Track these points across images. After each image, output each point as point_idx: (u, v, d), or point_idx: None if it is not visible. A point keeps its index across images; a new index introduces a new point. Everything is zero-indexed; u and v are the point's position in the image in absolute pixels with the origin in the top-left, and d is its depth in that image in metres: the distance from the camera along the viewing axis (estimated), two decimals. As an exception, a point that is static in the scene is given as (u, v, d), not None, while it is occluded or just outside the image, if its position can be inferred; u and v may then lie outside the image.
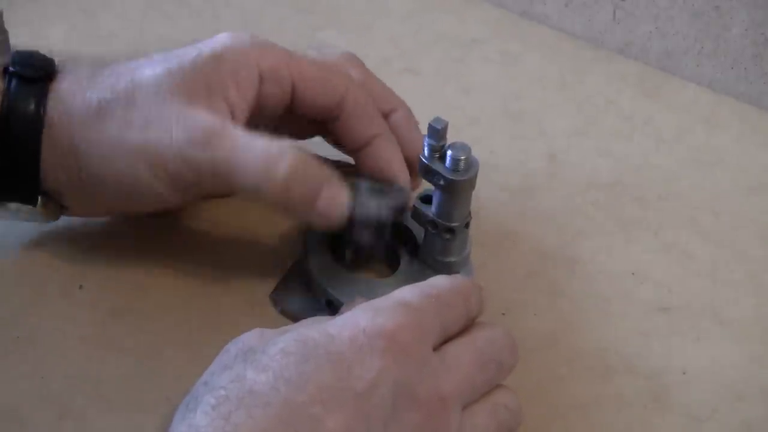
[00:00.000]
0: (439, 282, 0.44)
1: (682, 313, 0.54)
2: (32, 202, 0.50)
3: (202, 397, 0.38)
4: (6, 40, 0.68)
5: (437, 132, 0.48)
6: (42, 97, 0.48)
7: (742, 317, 0.54)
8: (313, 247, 0.52)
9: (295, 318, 0.51)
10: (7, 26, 0.68)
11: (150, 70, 0.49)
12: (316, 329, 0.40)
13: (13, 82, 0.48)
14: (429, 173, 0.49)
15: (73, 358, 0.49)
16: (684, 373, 0.51)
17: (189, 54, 0.49)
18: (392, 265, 0.52)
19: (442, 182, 0.48)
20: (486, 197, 0.59)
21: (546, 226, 0.59)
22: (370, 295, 0.49)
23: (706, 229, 0.60)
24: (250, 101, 0.50)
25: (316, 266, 0.51)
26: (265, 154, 0.47)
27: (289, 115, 0.52)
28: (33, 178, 0.49)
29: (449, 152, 0.48)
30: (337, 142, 0.55)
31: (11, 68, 0.49)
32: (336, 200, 0.48)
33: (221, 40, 0.50)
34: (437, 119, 0.48)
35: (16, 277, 0.53)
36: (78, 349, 0.50)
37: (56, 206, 0.51)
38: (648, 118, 0.68)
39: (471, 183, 0.49)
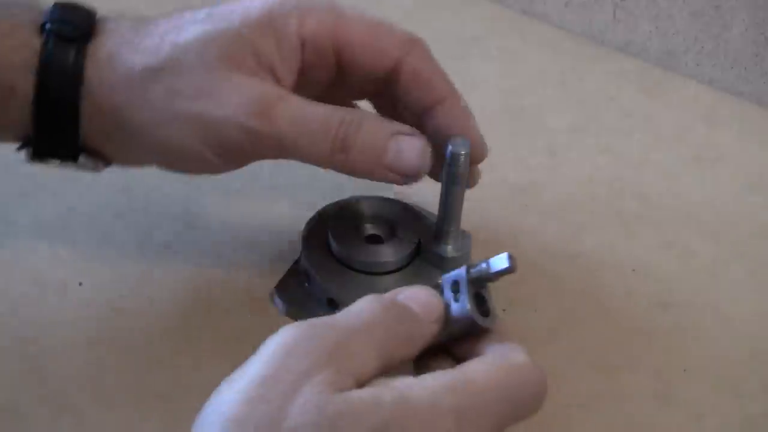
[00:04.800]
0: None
1: (682, 310, 0.54)
2: (73, 159, 0.48)
3: None
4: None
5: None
6: (80, 59, 0.46)
7: (742, 314, 0.54)
8: (313, 247, 0.52)
9: (295, 318, 0.51)
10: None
11: (193, 32, 0.46)
12: None
13: (51, 41, 0.46)
14: None
15: (72, 355, 0.49)
16: (685, 370, 0.51)
17: (234, 17, 0.47)
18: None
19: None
20: (487, 194, 0.58)
21: (547, 223, 0.59)
22: (371, 292, 0.49)
23: (706, 226, 0.60)
24: (294, 72, 0.48)
25: (316, 265, 0.51)
26: (324, 124, 0.46)
27: (339, 79, 0.49)
28: (73, 139, 0.47)
29: (449, 147, 0.48)
30: (391, 107, 0.51)
31: (48, 25, 0.46)
32: (405, 153, 0.47)
33: (269, 1, 0.47)
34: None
35: (16, 274, 0.53)
36: (77, 346, 0.49)
37: (98, 160, 0.49)
38: (648, 115, 0.68)
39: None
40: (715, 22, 0.67)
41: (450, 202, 0.50)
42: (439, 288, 0.50)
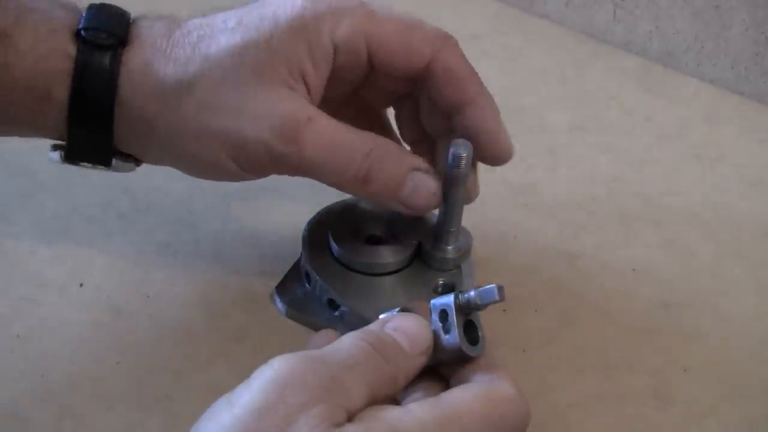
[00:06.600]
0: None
1: (682, 309, 0.54)
2: (106, 163, 0.49)
3: None
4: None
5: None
6: (115, 67, 0.46)
7: (742, 313, 0.54)
8: (313, 247, 0.52)
9: (296, 317, 0.51)
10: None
11: (224, 44, 0.46)
12: None
13: (86, 49, 0.46)
14: None
15: (73, 356, 0.49)
16: (685, 370, 0.51)
17: (265, 25, 0.46)
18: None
19: None
20: (487, 192, 0.58)
21: (547, 222, 0.59)
22: (371, 292, 0.49)
23: (706, 225, 0.59)
24: (325, 78, 0.48)
25: (316, 266, 0.51)
26: (350, 155, 0.47)
27: (370, 79, 0.49)
28: (106, 144, 0.48)
29: (450, 148, 0.48)
30: (414, 116, 0.51)
31: (83, 33, 0.47)
32: (419, 191, 0.48)
33: (299, 2, 0.47)
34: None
35: (16, 274, 0.53)
36: (78, 347, 0.49)
37: (131, 161, 0.50)
38: (649, 113, 0.68)
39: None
40: (715, 22, 0.67)
41: (451, 203, 0.50)
42: (438, 290, 0.50)
